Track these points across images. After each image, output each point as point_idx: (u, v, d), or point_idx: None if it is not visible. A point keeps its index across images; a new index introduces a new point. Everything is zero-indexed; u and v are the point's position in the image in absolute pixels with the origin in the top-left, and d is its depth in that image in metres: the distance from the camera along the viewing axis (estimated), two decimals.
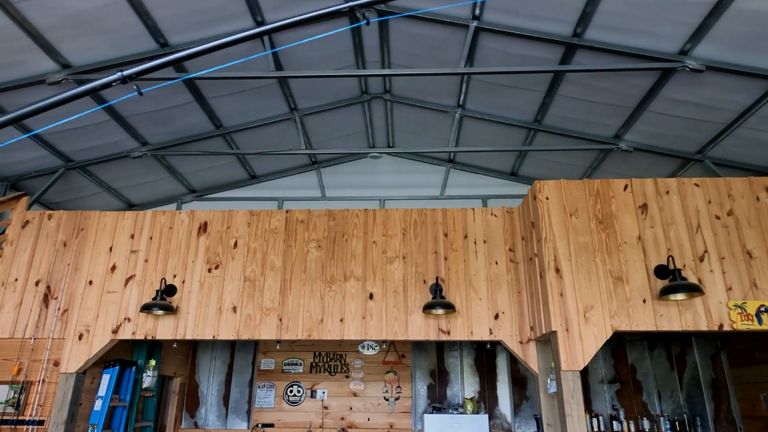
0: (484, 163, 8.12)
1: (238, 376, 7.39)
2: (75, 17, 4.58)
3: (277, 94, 6.45)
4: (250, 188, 8.33)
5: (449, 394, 7.12)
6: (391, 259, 5.16)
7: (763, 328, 4.00)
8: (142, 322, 5.03)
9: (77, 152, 6.46)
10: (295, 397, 7.17)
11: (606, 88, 5.61)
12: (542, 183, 4.62)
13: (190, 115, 6.37)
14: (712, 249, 4.29)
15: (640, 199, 4.52)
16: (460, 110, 6.79)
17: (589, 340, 4.09)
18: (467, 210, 5.30)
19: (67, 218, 5.51)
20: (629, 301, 4.19)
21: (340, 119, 7.42)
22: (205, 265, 5.20)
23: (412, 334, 4.90)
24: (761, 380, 6.24)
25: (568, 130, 6.55)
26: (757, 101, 5.14)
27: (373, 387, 7.16)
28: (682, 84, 5.19)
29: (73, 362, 4.91)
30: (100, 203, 7.67)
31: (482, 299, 4.95)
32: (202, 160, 7.49)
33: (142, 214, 5.48)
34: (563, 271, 4.29)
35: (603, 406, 6.96)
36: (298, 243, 5.26)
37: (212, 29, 5.17)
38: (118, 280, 5.19)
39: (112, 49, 5.09)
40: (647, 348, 7.21)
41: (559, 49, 5.19)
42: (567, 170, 7.55)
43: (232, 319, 5.00)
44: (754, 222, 4.38)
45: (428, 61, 6.04)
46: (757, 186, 4.51)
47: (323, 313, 4.99)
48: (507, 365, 7.19)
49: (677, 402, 6.92)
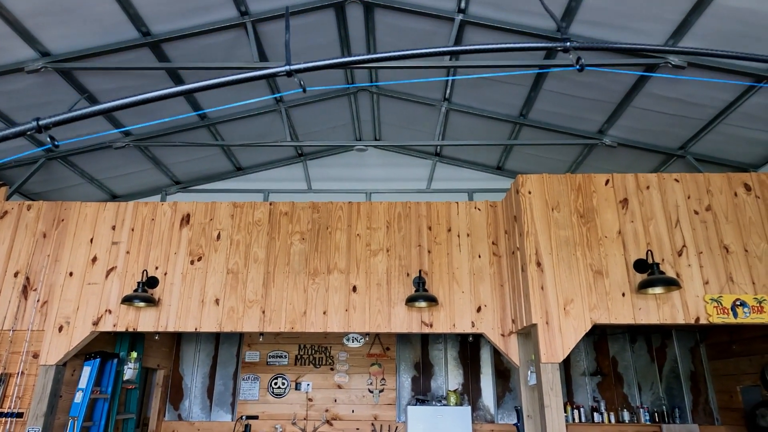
0: (470, 157, 8.14)
1: (222, 368, 7.37)
2: (54, 4, 4.50)
3: (262, 86, 6.39)
4: (236, 180, 8.27)
5: (433, 386, 7.17)
6: (375, 251, 5.16)
7: (738, 321, 4.07)
8: (124, 314, 4.99)
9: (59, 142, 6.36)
10: (279, 389, 7.18)
11: (591, 84, 5.64)
12: (525, 177, 4.65)
13: (174, 105, 6.29)
14: (690, 244, 4.36)
15: (621, 194, 4.57)
16: (447, 104, 6.79)
17: (568, 333, 4.14)
18: (451, 203, 5.31)
19: (47, 209, 5.44)
20: (608, 295, 4.24)
21: (327, 111, 7.38)
22: (188, 257, 5.17)
23: (395, 326, 4.91)
24: (738, 372, 6.37)
25: (553, 124, 6.59)
26: (738, 98, 5.20)
27: (357, 379, 7.18)
28: (665, 80, 5.23)
29: (53, 354, 4.86)
30: (83, 194, 7.58)
31: (465, 292, 4.98)
32: (186, 152, 7.42)
33: (124, 206, 5.42)
34: (544, 265, 4.33)
35: (584, 398, 7.06)
36: (281, 235, 5.24)
37: (195, 18, 5.10)
38: (99, 272, 5.14)
39: (93, 38, 5.00)
40: (628, 341, 7.31)
41: (544, 43, 5.19)
42: (552, 164, 7.60)
43: (214, 312, 4.98)
44: (732, 217, 4.44)
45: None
46: (735, 182, 4.57)
47: (306, 306, 4.99)
48: (491, 358, 7.26)
49: (657, 394, 7.04)
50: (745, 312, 4.08)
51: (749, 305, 4.10)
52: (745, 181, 4.58)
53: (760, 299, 4.12)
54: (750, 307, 4.10)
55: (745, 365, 6.25)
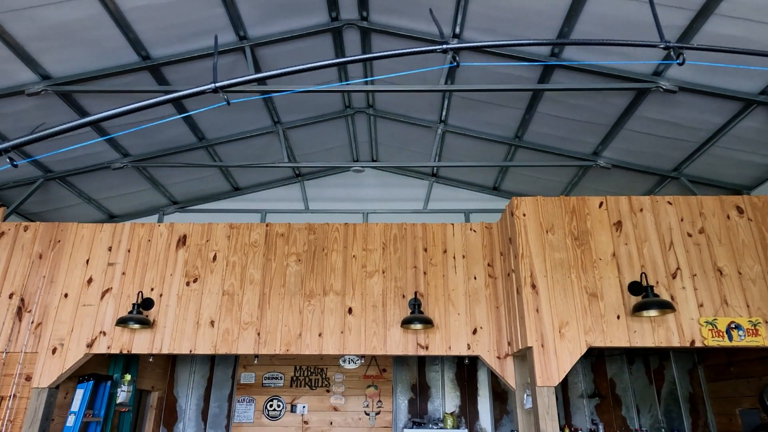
0: (466, 178, 8.19)
1: (217, 390, 7.30)
2: (56, 29, 4.58)
3: (259, 107, 6.47)
4: (233, 200, 8.31)
5: (430, 408, 7.10)
6: (371, 273, 5.17)
7: (733, 344, 4.07)
8: (118, 335, 4.97)
9: (56, 163, 6.41)
10: (275, 411, 7.10)
11: (584, 107, 5.72)
12: (519, 199, 4.68)
13: (173, 127, 6.36)
14: (684, 266, 4.37)
15: (614, 216, 4.60)
16: (443, 125, 6.87)
17: (564, 356, 4.13)
18: (447, 225, 5.34)
19: (44, 230, 5.45)
20: (603, 317, 4.24)
21: (324, 133, 7.45)
22: (184, 278, 5.17)
23: (391, 348, 4.89)
24: (737, 395, 6.32)
25: (547, 146, 6.65)
26: (729, 121, 5.27)
27: (353, 401, 7.11)
28: (657, 104, 5.31)
29: (45, 377, 4.83)
30: (80, 214, 7.59)
31: (461, 314, 4.97)
32: (184, 172, 7.47)
33: (121, 226, 5.43)
34: (539, 287, 4.34)
35: (583, 421, 6.99)
36: (277, 257, 5.25)
37: (194, 43, 5.19)
38: (95, 293, 5.13)
39: (93, 61, 5.08)
40: (626, 362, 7.27)
41: (538, 68, 5.29)
42: (548, 185, 7.65)
43: (209, 333, 4.96)
44: (725, 240, 4.47)
45: (410, 78, 6.12)
46: (728, 205, 4.61)
47: (302, 328, 4.97)
48: (488, 380, 7.20)
49: (655, 416, 6.98)
50: (740, 335, 4.08)
51: (744, 328, 4.10)
52: (738, 204, 4.62)
53: (755, 322, 4.13)
54: (745, 329, 4.10)
55: (743, 387, 6.21)
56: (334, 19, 5.39)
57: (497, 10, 4.75)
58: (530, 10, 4.61)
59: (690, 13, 4.22)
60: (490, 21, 4.92)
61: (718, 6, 4.06)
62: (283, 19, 5.21)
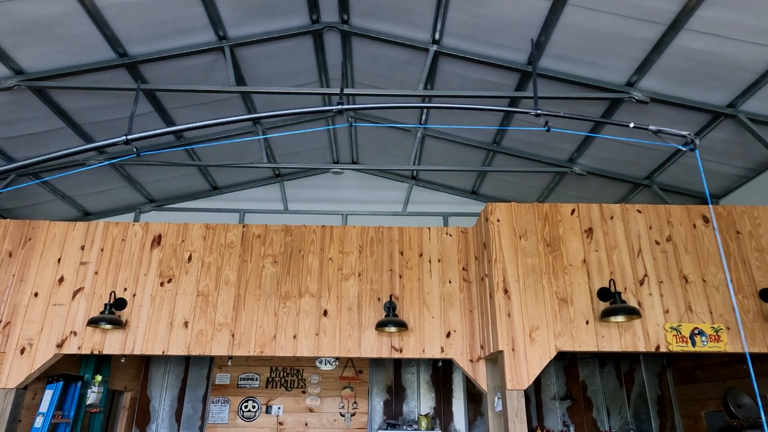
0: (445, 181, 8.27)
1: (191, 391, 7.24)
2: (30, 24, 4.50)
3: (239, 107, 6.44)
4: (212, 199, 8.25)
5: (405, 410, 7.15)
6: (347, 276, 5.19)
7: (696, 349, 4.19)
8: (90, 336, 4.91)
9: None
10: (249, 412, 7.07)
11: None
12: (494, 205, 4.75)
13: (151, 125, 6.29)
14: (652, 273, 4.49)
15: (586, 224, 4.70)
16: (422, 129, 6.92)
17: (533, 359, 4.20)
18: (423, 229, 5.39)
19: (14, 227, 5.35)
20: (573, 322, 4.33)
21: (304, 134, 7.44)
22: (158, 278, 5.12)
23: (365, 351, 4.92)
24: (702, 398, 6.50)
25: (525, 152, 6.76)
26: (698, 132, 5.43)
27: (329, 403, 7.12)
28: (630, 113, 5.44)
29: (13, 377, 4.74)
30: (54, 211, 7.46)
31: (435, 317, 5.03)
32: (162, 170, 7.39)
33: (94, 225, 5.36)
34: (511, 292, 4.41)
35: (554, 422, 7.11)
36: (254, 258, 5.24)
37: (173, 41, 5.15)
38: (66, 293, 5.06)
39: (68, 57, 5.01)
40: (598, 366, 7.42)
41: (515, 76, 5.37)
42: (525, 190, 7.77)
43: (183, 334, 4.93)
44: (691, 248, 4.60)
45: (390, 81, 6.16)
46: (695, 214, 4.75)
47: (276, 329, 4.97)
48: (463, 382, 7.28)
49: (625, 418, 7.14)
50: (703, 341, 4.21)
51: (707, 334, 4.23)
52: (704, 213, 4.76)
53: (717, 328, 4.26)
54: (708, 335, 4.23)
55: (708, 390, 6.39)
56: (315, 21, 5.40)
57: (477, 18, 4.82)
58: (508, 19, 4.69)
59: (661, 27, 4.33)
60: (469, 28, 4.98)
61: (688, 21, 4.18)
62: (263, 20, 5.20)
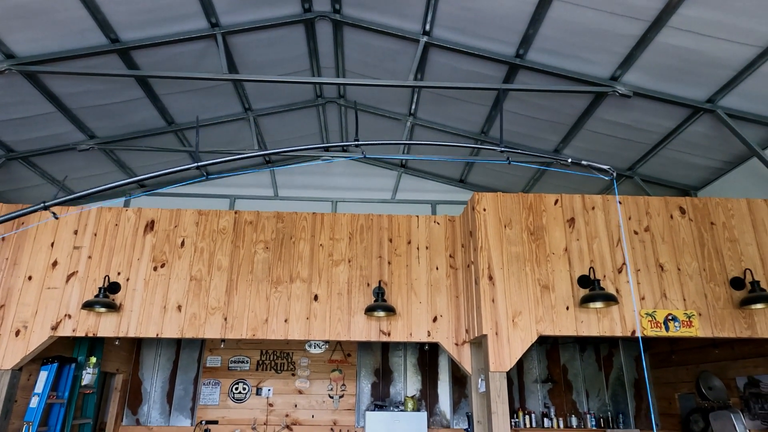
0: (434, 170, 8.40)
1: (183, 373, 7.37)
2: (21, 8, 4.50)
3: (230, 94, 6.48)
4: (202, 185, 8.30)
5: (392, 392, 7.36)
6: (337, 262, 5.33)
7: (669, 334, 4.41)
8: (84, 318, 5.00)
9: (20, 142, 6.29)
10: (240, 394, 7.24)
11: (546, 106, 5.98)
12: (480, 195, 4.90)
13: (141, 110, 6.32)
14: (630, 261, 4.69)
15: (568, 213, 4.88)
16: (412, 119, 7.03)
17: (516, 343, 4.40)
18: (412, 217, 5.53)
19: (6, 211, 5.38)
20: (554, 308, 4.52)
21: (295, 121, 7.51)
22: (151, 263, 5.21)
23: (355, 335, 5.08)
24: (676, 381, 6.80)
25: (512, 143, 6.90)
26: (678, 126, 5.62)
27: (318, 385, 7.31)
28: (613, 107, 5.60)
29: (8, 359, 4.83)
30: (43, 195, 7.46)
31: (422, 303, 5.19)
32: (152, 155, 7.42)
33: (87, 210, 5.42)
34: (496, 279, 4.59)
35: (536, 404, 7.38)
36: (246, 244, 5.35)
37: (165, 27, 5.17)
38: (60, 276, 5.13)
39: (59, 42, 5.01)
40: (578, 350, 7.69)
41: (503, 68, 5.49)
42: (512, 180, 7.94)
43: (176, 318, 5.04)
44: (668, 238, 4.81)
45: (381, 71, 6.24)
46: (672, 205, 4.94)
47: (268, 313, 5.11)
48: (448, 365, 7.50)
49: (603, 400, 7.43)
50: (676, 326, 4.43)
51: (680, 320, 4.45)
52: (681, 204, 4.96)
53: (690, 314, 4.48)
54: (680, 321, 4.45)
55: (682, 374, 6.69)
56: (307, 10, 5.45)
57: (466, 11, 4.91)
58: (497, 12, 4.79)
59: (644, 23, 4.47)
60: (459, 21, 5.07)
61: (670, 19, 4.32)
62: (255, 8, 5.24)
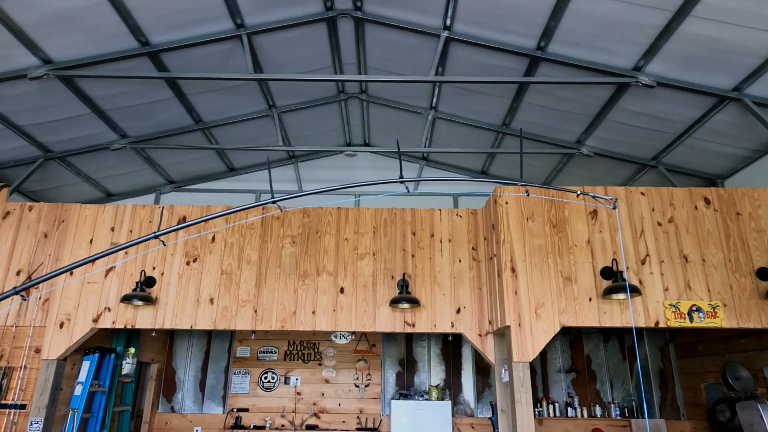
0: (455, 162, 8.45)
1: (214, 363, 7.65)
2: (58, 16, 4.71)
3: (255, 92, 6.64)
4: (229, 180, 8.52)
5: (416, 381, 7.51)
6: (362, 255, 5.46)
7: (693, 325, 4.43)
8: (122, 311, 5.25)
9: (56, 143, 6.57)
10: (269, 383, 7.48)
11: (568, 98, 5.97)
12: (503, 188, 4.96)
13: (170, 110, 6.53)
14: (653, 253, 4.70)
15: (590, 206, 4.90)
16: (433, 112, 7.08)
17: (539, 334, 4.47)
18: (434, 210, 5.62)
19: (48, 210, 5.66)
20: (576, 299, 4.58)
21: (318, 117, 7.64)
22: (184, 258, 5.43)
23: (380, 326, 5.22)
24: (702, 371, 6.77)
25: (534, 134, 6.91)
26: (704, 115, 5.55)
27: (344, 374, 7.50)
28: (637, 97, 5.57)
29: (54, 349, 5.11)
30: (79, 192, 7.78)
31: (446, 294, 5.30)
32: (181, 153, 7.65)
33: (122, 208, 5.66)
34: (518, 271, 4.66)
35: (559, 394, 7.44)
36: (273, 238, 5.52)
37: (192, 29, 5.33)
38: (99, 271, 5.39)
39: (93, 47, 5.22)
40: (602, 340, 7.70)
41: (525, 61, 5.50)
42: (533, 171, 7.93)
43: (209, 310, 5.26)
44: (692, 229, 4.79)
45: (402, 66, 6.31)
46: (696, 196, 4.92)
47: (296, 306, 5.28)
48: (471, 355, 7.60)
49: (627, 390, 7.44)
50: (700, 317, 4.44)
51: (704, 310, 4.46)
52: (705, 195, 4.93)
53: (714, 305, 4.48)
54: (705, 312, 4.46)
55: (708, 364, 6.66)
56: (329, 8, 5.54)
57: (486, 5, 4.94)
58: (517, 6, 4.81)
59: (667, 13, 4.44)
60: (479, 15, 5.10)
61: (694, 8, 4.29)
62: (279, 8, 5.36)
